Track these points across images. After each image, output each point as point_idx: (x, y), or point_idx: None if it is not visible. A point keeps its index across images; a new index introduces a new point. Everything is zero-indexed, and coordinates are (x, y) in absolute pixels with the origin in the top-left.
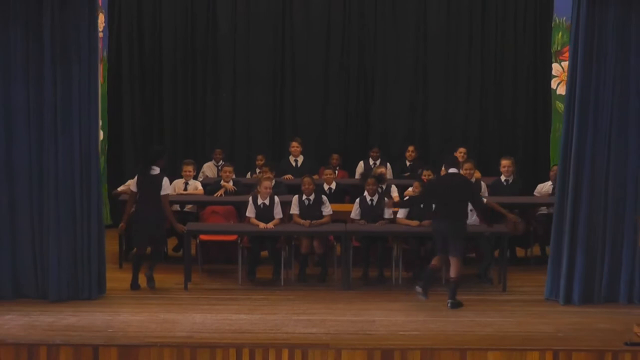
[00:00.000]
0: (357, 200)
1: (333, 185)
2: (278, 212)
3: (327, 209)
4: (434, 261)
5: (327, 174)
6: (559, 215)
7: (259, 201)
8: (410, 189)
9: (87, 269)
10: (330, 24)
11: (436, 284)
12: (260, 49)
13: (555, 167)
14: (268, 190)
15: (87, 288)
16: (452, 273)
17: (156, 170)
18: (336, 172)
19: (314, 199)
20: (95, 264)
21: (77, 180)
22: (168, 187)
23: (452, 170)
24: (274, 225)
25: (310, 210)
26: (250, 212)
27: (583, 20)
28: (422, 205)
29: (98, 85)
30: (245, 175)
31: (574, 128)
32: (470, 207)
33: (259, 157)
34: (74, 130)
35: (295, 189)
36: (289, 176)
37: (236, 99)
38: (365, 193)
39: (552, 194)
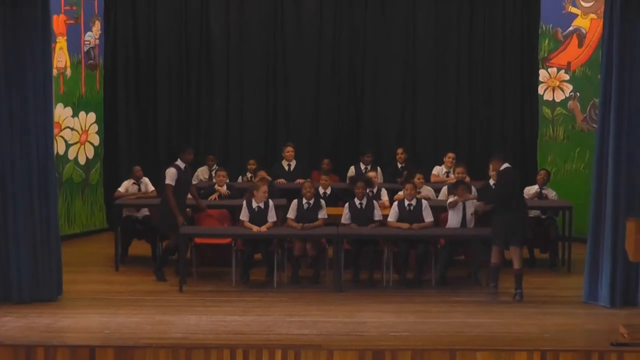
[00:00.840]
0: (347, 205)
1: (328, 190)
2: (272, 216)
3: (323, 213)
4: (494, 259)
5: (323, 180)
6: (595, 219)
7: (254, 204)
8: (400, 192)
9: (48, 271)
10: (321, 29)
11: (426, 286)
12: (253, 54)
13: (542, 172)
14: (266, 194)
15: (48, 289)
16: (519, 264)
17: (177, 163)
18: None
19: (314, 203)
20: (54, 265)
21: (35, 186)
22: (168, 177)
23: (505, 165)
24: (267, 229)
25: (309, 214)
26: (244, 215)
27: (617, 27)
28: (411, 208)
29: (52, 91)
30: (237, 180)
31: (610, 133)
32: (472, 210)
33: (251, 161)
34: (30, 137)
35: (288, 193)
36: (281, 180)
37: (229, 104)
38: (354, 197)
39: (540, 197)
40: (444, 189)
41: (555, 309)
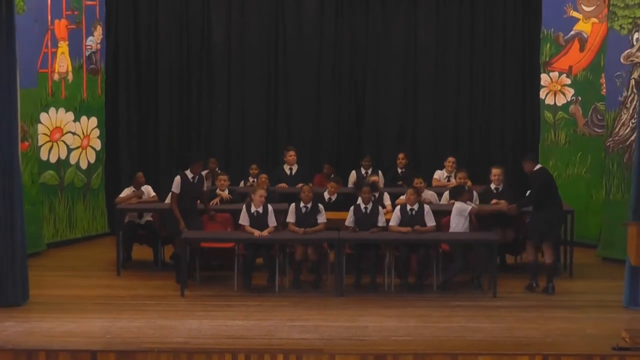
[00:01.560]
0: (352, 208)
1: (334, 197)
2: (272, 221)
3: (322, 217)
4: (530, 256)
5: (332, 186)
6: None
7: (253, 209)
8: (402, 197)
9: (11, 275)
10: (322, 31)
11: (428, 290)
12: (254, 57)
13: None
14: (262, 198)
15: (13, 295)
16: (550, 259)
17: (185, 172)
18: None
19: (311, 207)
20: (19, 269)
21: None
22: (173, 185)
23: (538, 165)
24: (269, 233)
25: (307, 218)
26: (243, 220)
27: None
28: (413, 212)
29: (17, 93)
30: (239, 184)
31: None
32: (467, 215)
33: (253, 166)
34: None
35: (289, 198)
36: (283, 185)
37: (230, 108)
38: (360, 201)
39: None
40: (446, 193)
41: (557, 313)
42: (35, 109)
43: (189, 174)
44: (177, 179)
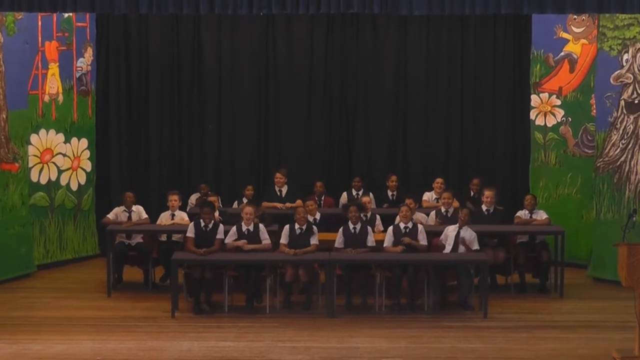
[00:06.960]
0: (341, 229)
1: (317, 216)
2: (266, 238)
3: (315, 239)
4: None
5: (309, 205)
6: None
7: (244, 227)
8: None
9: None
10: (313, 55)
11: (419, 311)
12: (245, 79)
13: (528, 197)
14: (248, 215)
15: None
16: None
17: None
18: (322, 199)
19: (306, 228)
20: None
21: None
22: (188, 230)
23: None
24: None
25: (301, 239)
26: (230, 238)
27: None
28: (407, 231)
29: None
30: (232, 205)
31: None
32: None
33: (248, 187)
34: None
35: (280, 219)
36: (278, 205)
37: (221, 129)
38: (349, 222)
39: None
40: (432, 213)
41: (548, 334)
42: (25, 130)
43: (201, 221)
44: (191, 224)
